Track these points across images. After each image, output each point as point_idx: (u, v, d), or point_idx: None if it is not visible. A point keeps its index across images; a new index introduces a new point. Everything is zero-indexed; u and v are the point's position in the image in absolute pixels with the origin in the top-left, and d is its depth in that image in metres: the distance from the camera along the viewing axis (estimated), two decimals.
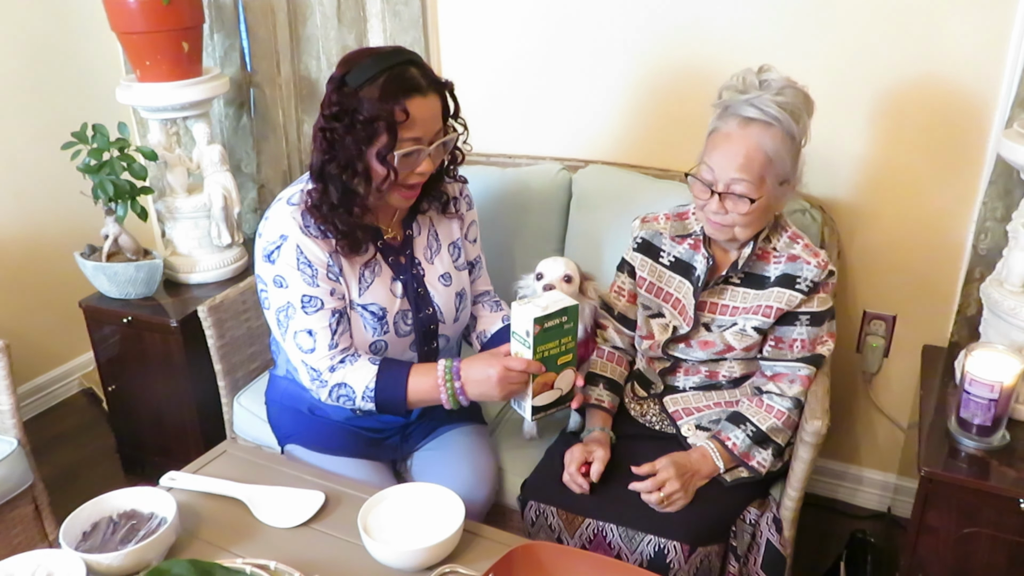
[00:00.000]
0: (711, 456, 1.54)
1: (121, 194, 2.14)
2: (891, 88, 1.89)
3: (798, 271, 1.51)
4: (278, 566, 1.23)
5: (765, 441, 1.54)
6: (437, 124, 1.43)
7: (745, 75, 1.46)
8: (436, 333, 1.60)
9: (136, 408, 2.37)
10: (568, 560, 1.15)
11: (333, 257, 1.47)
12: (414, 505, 1.36)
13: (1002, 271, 1.68)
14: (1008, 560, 1.49)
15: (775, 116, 1.40)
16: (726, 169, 1.43)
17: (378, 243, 1.53)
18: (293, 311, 1.47)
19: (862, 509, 2.29)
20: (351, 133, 1.38)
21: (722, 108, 1.47)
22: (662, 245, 1.64)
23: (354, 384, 1.47)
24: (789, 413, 1.55)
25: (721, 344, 1.58)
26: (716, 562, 1.51)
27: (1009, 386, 1.49)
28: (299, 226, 1.45)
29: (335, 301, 1.48)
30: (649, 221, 1.67)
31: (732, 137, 1.43)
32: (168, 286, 2.36)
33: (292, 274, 1.45)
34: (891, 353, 2.13)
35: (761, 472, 1.55)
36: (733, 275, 1.56)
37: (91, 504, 1.34)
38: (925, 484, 1.50)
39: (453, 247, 1.64)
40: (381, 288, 1.53)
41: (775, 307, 1.52)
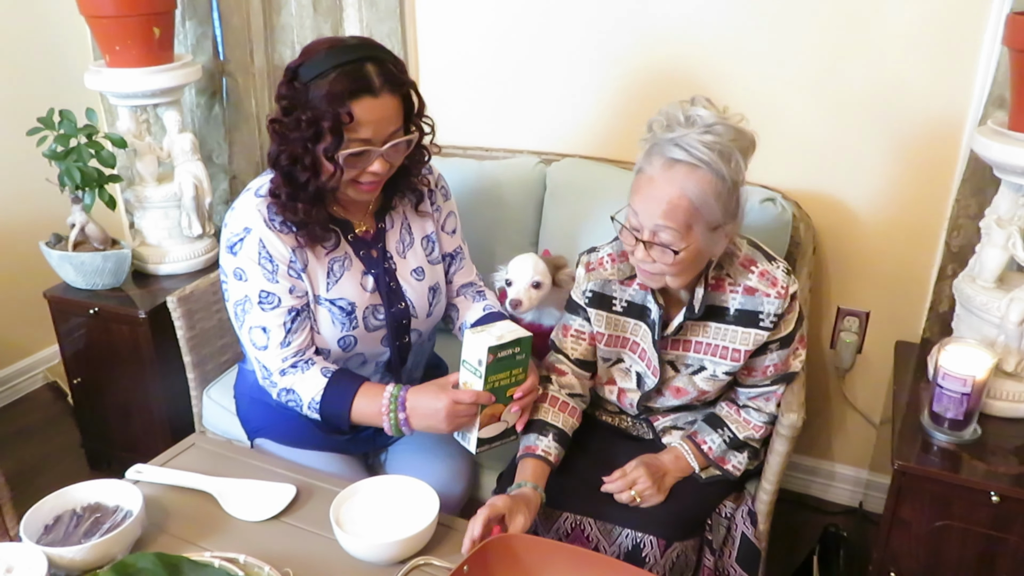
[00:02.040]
0: (685, 458, 1.53)
1: (88, 182, 2.09)
2: (866, 87, 1.90)
3: (759, 307, 1.42)
4: (247, 559, 1.20)
5: (741, 447, 1.54)
6: (391, 125, 1.37)
7: (671, 110, 1.31)
8: (408, 328, 1.58)
9: (103, 402, 2.32)
10: (543, 551, 1.14)
11: (297, 252, 1.44)
12: (387, 498, 1.35)
13: (975, 267, 1.70)
14: (979, 553, 1.51)
15: (700, 158, 1.26)
16: (650, 216, 1.31)
17: (348, 236, 1.51)
18: (250, 305, 1.44)
19: (834, 504, 2.31)
20: (298, 129, 1.34)
21: (648, 146, 1.33)
22: (612, 293, 1.52)
23: (301, 393, 1.45)
24: (766, 427, 1.54)
25: (694, 390, 1.54)
26: (692, 556, 1.51)
27: (981, 380, 1.50)
28: (264, 219, 1.42)
29: (293, 299, 1.45)
30: (595, 268, 1.53)
31: (655, 181, 1.30)
32: (137, 277, 2.31)
33: (252, 268, 1.43)
34: (864, 349, 2.14)
35: (736, 474, 1.54)
36: (694, 316, 1.45)
37: (54, 497, 1.30)
38: (898, 477, 1.51)
39: (427, 241, 1.61)
40: (350, 282, 1.50)
41: (743, 350, 1.45)
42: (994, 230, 1.63)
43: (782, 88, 1.96)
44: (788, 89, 1.96)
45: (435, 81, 2.34)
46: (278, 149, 1.38)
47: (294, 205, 1.40)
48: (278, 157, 1.39)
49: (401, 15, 2.25)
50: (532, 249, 2.16)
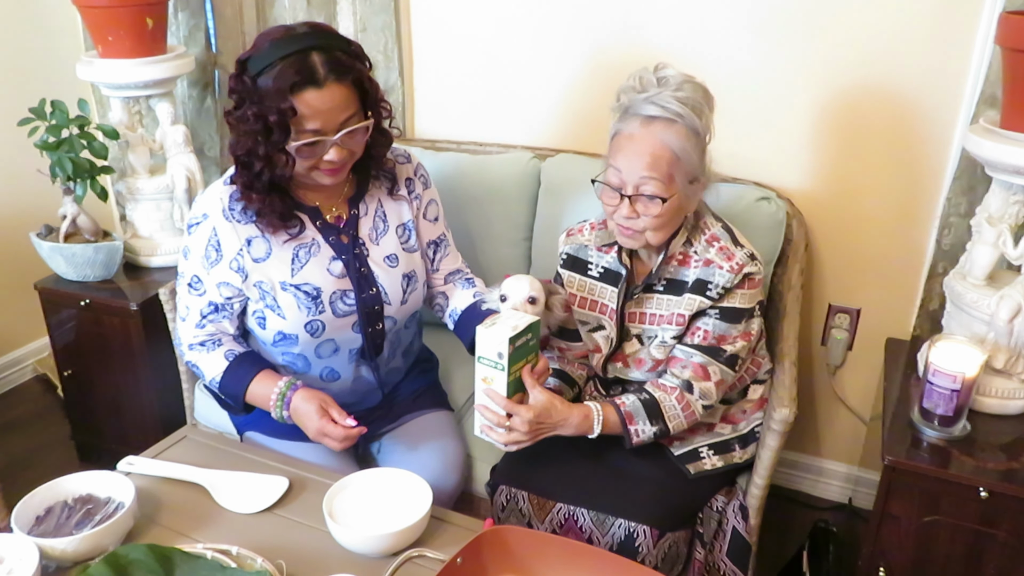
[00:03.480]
0: (592, 419, 1.46)
1: (80, 172, 2.08)
2: (858, 85, 1.91)
3: (710, 276, 1.47)
4: (240, 551, 1.20)
5: (654, 415, 1.48)
6: (343, 113, 1.37)
7: (642, 74, 1.41)
8: (381, 314, 1.57)
9: (93, 394, 2.31)
10: (537, 544, 1.14)
11: (256, 243, 1.47)
12: (380, 490, 1.35)
13: (965, 265, 1.71)
14: (967, 548, 1.52)
15: (677, 112, 1.36)
16: (633, 170, 1.39)
17: (317, 223, 1.52)
18: (183, 280, 1.53)
19: (824, 500, 2.32)
20: (247, 123, 1.35)
21: (622, 110, 1.43)
22: (588, 257, 1.60)
23: (204, 370, 1.54)
24: (680, 391, 1.49)
25: (650, 361, 1.56)
26: (683, 548, 1.52)
27: (971, 377, 1.51)
28: (223, 208, 1.46)
29: (216, 294, 1.50)
30: (574, 234, 1.63)
31: (636, 137, 1.39)
32: (128, 269, 2.30)
33: (196, 252, 1.49)
34: (855, 346, 2.15)
35: (632, 440, 1.48)
36: (655, 283, 1.52)
37: (45, 488, 1.30)
38: (888, 473, 1.52)
39: (402, 228, 1.61)
40: (316, 268, 1.51)
41: (687, 315, 1.49)
42: (985, 228, 1.64)
43: (774, 87, 1.97)
44: (780, 88, 1.96)
45: (429, 75, 2.33)
46: (235, 140, 1.41)
47: (250, 195, 1.42)
48: (235, 147, 1.41)
49: (395, 9, 2.24)
50: (526, 246, 2.16)
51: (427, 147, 2.28)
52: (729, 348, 1.50)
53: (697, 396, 1.49)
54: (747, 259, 1.48)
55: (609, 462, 1.56)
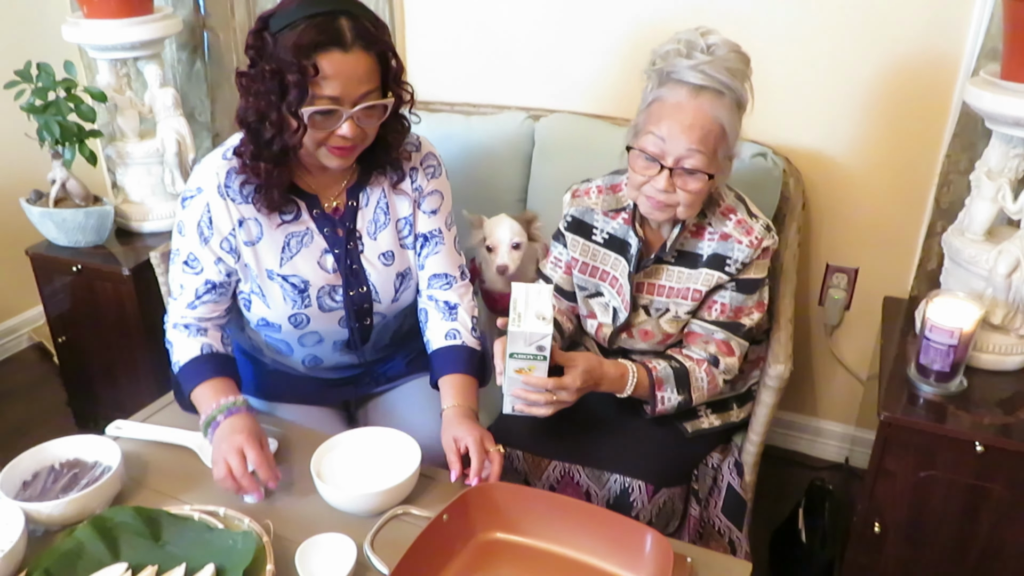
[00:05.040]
0: (627, 379, 1.43)
1: (68, 136, 2.05)
2: (857, 40, 1.87)
3: (728, 251, 1.43)
4: (227, 512, 1.20)
5: (683, 385, 1.46)
6: (363, 86, 1.30)
7: (688, 38, 1.32)
8: (370, 311, 1.52)
9: (88, 361, 2.31)
10: (524, 500, 1.14)
11: (247, 225, 1.40)
12: (369, 450, 1.34)
13: (964, 220, 1.68)
14: (963, 502, 1.51)
15: (727, 84, 1.29)
16: (679, 141, 1.31)
17: (313, 212, 1.45)
18: (177, 258, 1.44)
19: (820, 460, 2.32)
20: (263, 82, 1.28)
21: (662, 75, 1.33)
22: (594, 222, 1.54)
23: (175, 352, 1.45)
24: (707, 364, 1.47)
25: (659, 334, 1.52)
26: (679, 504, 1.51)
27: (968, 332, 1.49)
28: (219, 184, 1.38)
29: (215, 272, 1.42)
30: (580, 196, 1.56)
31: (683, 107, 1.30)
32: (120, 235, 2.28)
33: (191, 228, 1.40)
34: (852, 306, 2.13)
35: (656, 407, 1.45)
36: (665, 255, 1.47)
37: (31, 453, 1.29)
38: (884, 429, 1.51)
39: (403, 223, 1.52)
40: (306, 260, 1.44)
41: (703, 291, 1.46)
42: (984, 183, 1.61)
43: (772, 42, 1.92)
44: (778, 43, 1.92)
45: (422, 35, 2.29)
46: (245, 105, 1.32)
47: (257, 165, 1.34)
48: (245, 114, 1.33)
49: None
50: (520, 207, 2.13)
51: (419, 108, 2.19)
52: (747, 321, 1.48)
53: (722, 370, 1.48)
54: (765, 232, 1.44)
55: (604, 419, 1.55)
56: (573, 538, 1.12)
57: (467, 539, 1.13)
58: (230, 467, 1.26)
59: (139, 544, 1.14)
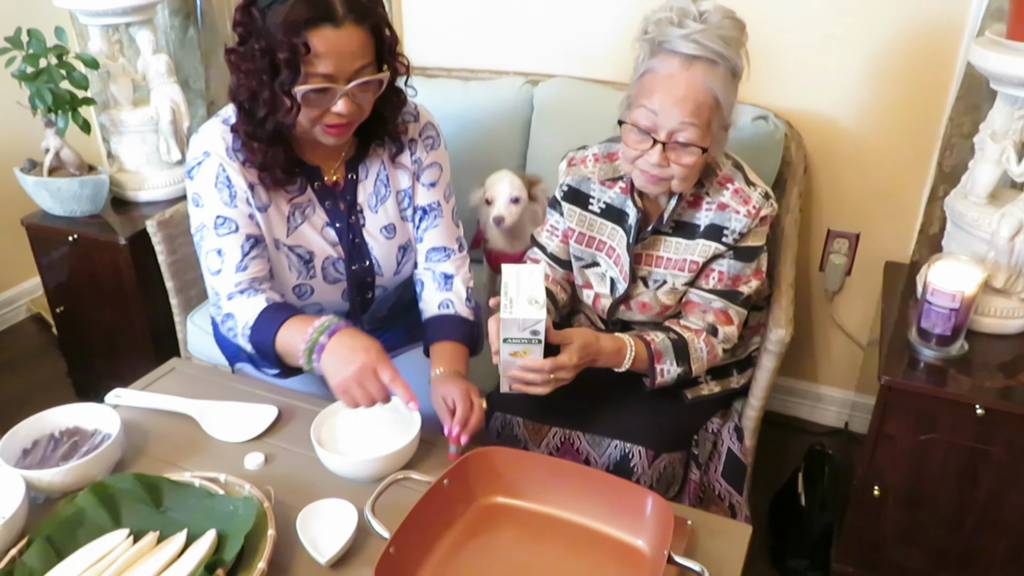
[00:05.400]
0: (625, 353, 1.40)
1: (61, 104, 2.03)
2: (860, 3, 1.84)
3: (726, 222, 1.40)
4: (228, 478, 1.19)
5: (682, 354, 1.43)
6: (357, 61, 1.25)
7: (680, 5, 1.27)
8: (372, 285, 1.51)
9: (87, 331, 2.30)
10: (524, 464, 1.14)
11: (257, 190, 1.36)
12: (369, 416, 1.33)
13: (967, 184, 1.67)
14: (962, 465, 1.52)
15: (720, 53, 1.24)
16: (671, 115, 1.27)
17: (315, 184, 1.42)
18: (208, 231, 1.36)
19: (819, 425, 2.32)
20: (253, 60, 1.24)
21: (653, 44, 1.29)
22: (591, 191, 1.51)
23: (239, 318, 1.36)
24: (705, 334, 1.45)
25: (657, 306, 1.50)
26: (679, 469, 1.52)
27: (970, 296, 1.48)
28: (226, 146, 1.34)
29: (253, 226, 1.37)
30: (576, 164, 1.52)
31: (676, 79, 1.26)
32: (116, 204, 2.26)
33: (209, 192, 1.35)
34: (853, 271, 2.13)
35: (656, 379, 1.43)
36: (663, 226, 1.44)
37: (31, 421, 1.29)
38: (884, 393, 1.50)
39: (403, 195, 1.50)
40: (310, 232, 1.42)
41: (700, 262, 1.43)
42: (988, 145, 1.59)
43: (772, 3, 1.89)
44: (779, 4, 1.89)
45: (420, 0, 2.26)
46: (236, 83, 1.28)
47: (253, 145, 1.31)
48: (237, 91, 1.29)
49: None
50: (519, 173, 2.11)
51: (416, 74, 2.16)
52: (745, 289, 1.46)
53: (721, 339, 1.46)
54: (763, 200, 1.40)
55: (604, 386, 1.54)
56: (574, 502, 1.12)
57: (468, 503, 1.13)
58: (369, 392, 1.21)
59: (140, 511, 1.13)
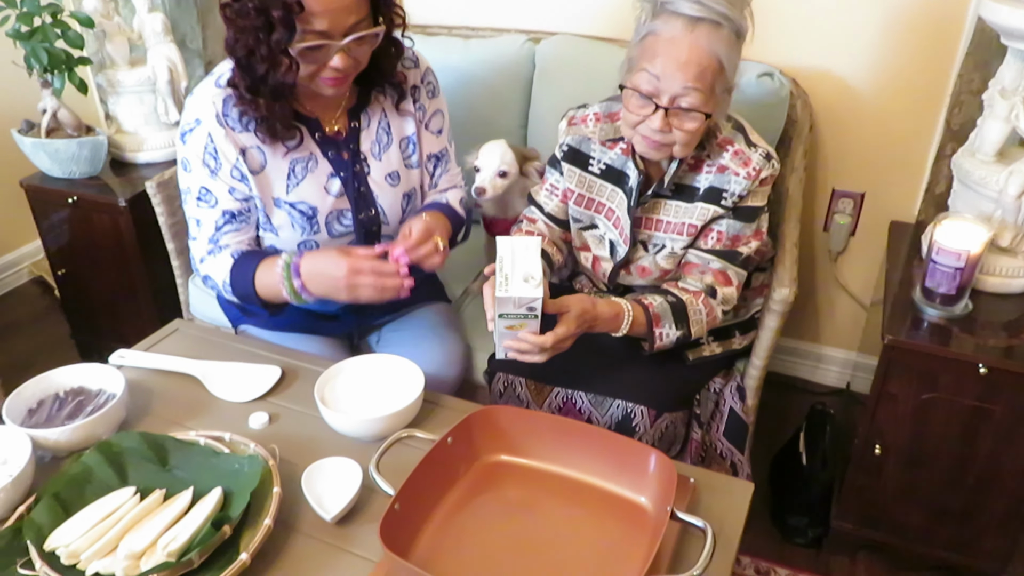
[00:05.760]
0: (622, 318, 1.37)
1: (57, 64, 2.00)
2: None
3: (725, 184, 1.37)
4: (233, 437, 1.20)
5: (681, 317, 1.41)
6: (352, 15, 1.25)
7: None
8: (379, 235, 1.51)
9: (89, 293, 2.30)
10: (528, 423, 1.14)
11: (251, 153, 1.37)
12: (373, 376, 1.34)
13: (975, 141, 1.65)
14: (963, 424, 1.52)
15: (723, 14, 1.21)
16: (674, 79, 1.24)
17: (315, 136, 1.42)
18: (190, 197, 1.42)
19: (821, 386, 2.33)
20: (247, 18, 1.23)
21: (655, 5, 1.26)
22: (591, 152, 1.48)
23: (216, 277, 1.44)
24: (703, 295, 1.43)
25: (656, 271, 1.49)
26: (681, 429, 1.52)
27: (975, 255, 1.48)
28: (217, 113, 1.34)
29: (231, 201, 1.40)
30: (577, 124, 1.50)
31: (678, 42, 1.22)
32: (115, 166, 2.25)
33: (196, 162, 1.38)
34: (858, 231, 2.11)
35: (655, 343, 1.41)
36: (663, 190, 1.42)
37: (35, 381, 1.29)
38: (887, 352, 1.50)
39: (407, 142, 1.51)
40: (313, 186, 1.42)
41: (698, 225, 1.41)
42: (997, 101, 1.57)
43: None
44: None
45: None
46: (233, 38, 1.27)
47: (254, 100, 1.31)
48: (234, 46, 1.28)
49: None
50: (521, 133, 2.10)
51: (416, 32, 2.17)
52: (744, 250, 1.44)
53: (719, 301, 1.44)
54: (764, 162, 1.37)
55: (606, 346, 1.54)
56: (577, 460, 1.12)
57: (471, 461, 1.13)
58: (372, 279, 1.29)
59: (146, 469, 1.14)
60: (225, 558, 1.00)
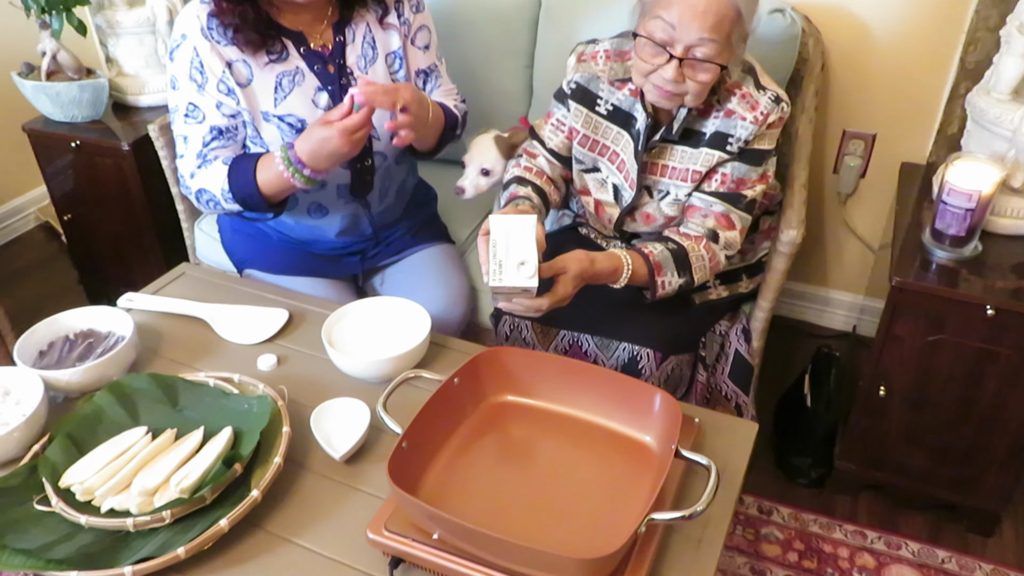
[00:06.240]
0: (621, 272, 1.34)
1: (54, 4, 1.97)
2: None
3: (731, 129, 1.34)
4: (242, 378, 1.21)
5: (683, 263, 1.38)
6: None
7: None
8: (370, 150, 1.52)
9: (95, 239, 2.30)
10: (535, 364, 1.14)
11: (237, 66, 1.39)
12: (379, 318, 1.34)
13: (991, 79, 1.61)
14: (969, 366, 1.52)
15: None
16: (690, 29, 1.20)
17: (300, 50, 1.43)
18: (178, 115, 1.44)
19: (828, 329, 2.33)
20: None
21: None
22: (599, 91, 1.44)
23: (211, 188, 1.43)
24: (705, 240, 1.40)
25: (661, 218, 1.47)
26: (686, 371, 1.53)
27: (987, 195, 1.46)
28: (201, 27, 1.37)
29: (219, 117, 1.42)
30: (586, 60, 1.45)
31: None
32: (117, 109, 2.22)
33: (183, 78, 1.41)
34: (868, 173, 2.09)
35: (657, 291, 1.38)
36: (671, 135, 1.38)
37: (45, 323, 1.30)
38: (894, 294, 1.50)
39: (392, 57, 1.51)
40: (300, 99, 1.43)
41: (703, 171, 1.38)
42: (1015, 37, 1.53)
43: None
44: None
45: None
46: None
47: (221, 5, 1.34)
48: None
49: None
50: (527, 74, 2.06)
51: None
52: (749, 193, 1.40)
53: (722, 246, 1.41)
54: (772, 105, 1.34)
55: (612, 290, 1.54)
56: (582, 400, 1.13)
57: (478, 402, 1.14)
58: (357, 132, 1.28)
59: (157, 409, 1.16)
60: (237, 495, 1.02)
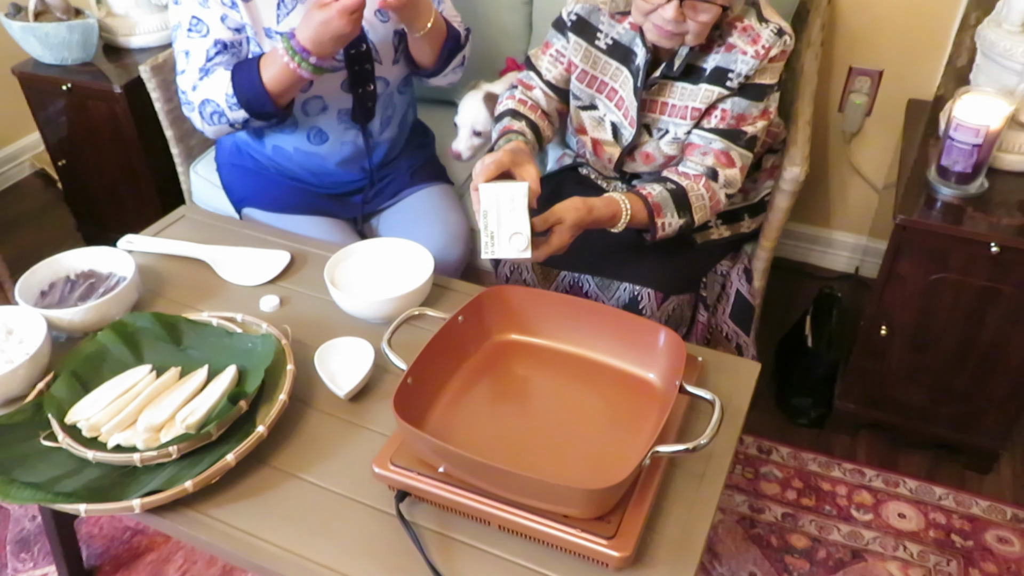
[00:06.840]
0: (619, 217, 1.31)
1: None
2: None
3: (731, 64, 1.31)
4: (245, 318, 1.21)
5: (682, 204, 1.36)
6: None
7: None
8: (372, 74, 1.50)
9: (91, 184, 2.28)
10: (537, 301, 1.14)
11: None
12: (382, 259, 1.34)
13: (1002, 10, 1.58)
14: (971, 304, 1.52)
15: None
16: None
17: None
18: (180, 31, 1.41)
19: (830, 271, 2.32)
20: None
21: None
22: (599, 24, 1.40)
23: (215, 96, 1.38)
24: (704, 179, 1.37)
25: (661, 157, 1.44)
26: (687, 311, 1.53)
27: (995, 130, 1.44)
28: None
29: (224, 30, 1.39)
30: None
31: None
32: (108, 51, 2.18)
33: None
34: (874, 112, 2.06)
35: (657, 233, 1.35)
36: (672, 71, 1.35)
37: (46, 264, 1.30)
38: (898, 232, 1.49)
39: None
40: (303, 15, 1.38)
41: (702, 108, 1.36)
42: None
43: None
44: None
45: None
46: None
47: None
48: None
49: None
50: (526, 9, 2.01)
51: None
52: (749, 129, 1.38)
53: (721, 184, 1.38)
54: (774, 38, 1.31)
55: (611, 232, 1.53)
56: (586, 338, 1.13)
57: (482, 340, 1.14)
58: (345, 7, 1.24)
59: (161, 348, 1.16)
60: (242, 431, 1.02)
